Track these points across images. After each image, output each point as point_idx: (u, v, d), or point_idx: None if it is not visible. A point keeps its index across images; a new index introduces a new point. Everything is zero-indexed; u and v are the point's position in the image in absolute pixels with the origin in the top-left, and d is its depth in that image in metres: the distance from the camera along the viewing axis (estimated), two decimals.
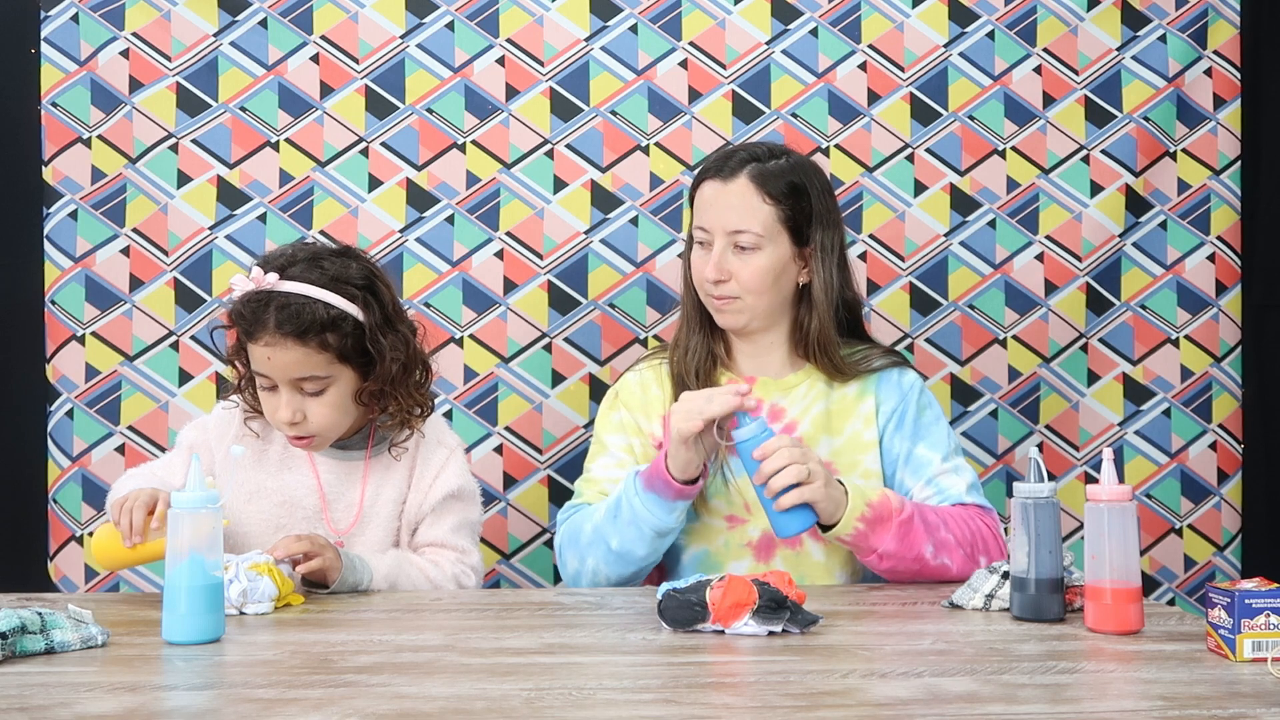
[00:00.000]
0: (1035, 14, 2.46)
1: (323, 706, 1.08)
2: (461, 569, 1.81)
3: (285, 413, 1.70)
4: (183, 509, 1.35)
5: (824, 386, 1.87)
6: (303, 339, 1.67)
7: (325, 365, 1.70)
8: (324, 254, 1.77)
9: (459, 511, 1.84)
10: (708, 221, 1.84)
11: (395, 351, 1.75)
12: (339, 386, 1.72)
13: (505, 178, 2.40)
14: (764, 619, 1.37)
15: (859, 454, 1.84)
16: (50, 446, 2.33)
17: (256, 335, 1.68)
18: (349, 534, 1.79)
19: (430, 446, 1.85)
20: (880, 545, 1.66)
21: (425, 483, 1.83)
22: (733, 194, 1.82)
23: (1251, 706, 1.07)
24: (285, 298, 1.68)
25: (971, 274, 2.44)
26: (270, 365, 1.69)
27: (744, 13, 2.43)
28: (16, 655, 1.27)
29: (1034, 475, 1.45)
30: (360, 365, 1.74)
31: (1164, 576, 2.46)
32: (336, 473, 1.81)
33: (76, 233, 2.34)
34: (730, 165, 1.85)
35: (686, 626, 1.39)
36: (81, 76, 2.35)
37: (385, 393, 1.76)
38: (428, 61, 2.40)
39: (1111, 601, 1.37)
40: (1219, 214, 2.48)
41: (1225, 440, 2.47)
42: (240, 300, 1.71)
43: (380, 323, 1.75)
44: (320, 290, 1.69)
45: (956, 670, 1.21)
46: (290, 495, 1.79)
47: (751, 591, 1.37)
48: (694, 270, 1.87)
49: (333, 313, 1.69)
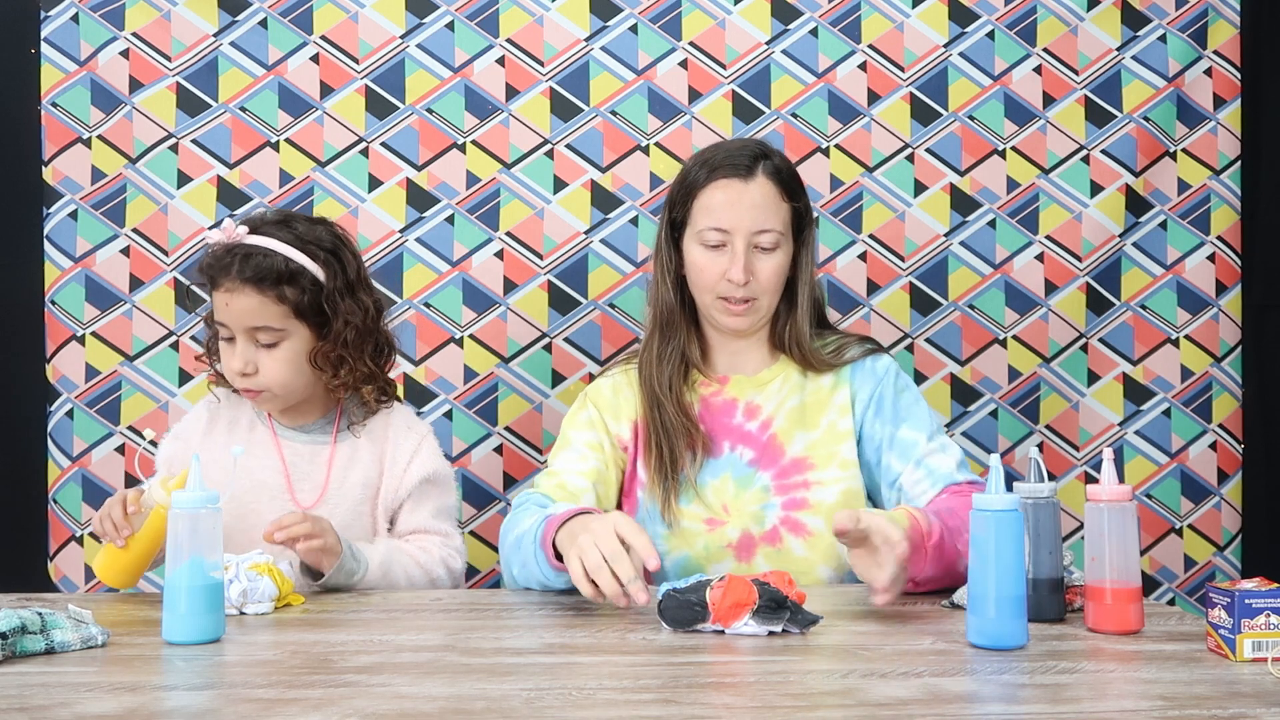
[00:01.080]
0: (1035, 14, 2.46)
1: (323, 706, 1.08)
2: (448, 552, 1.84)
3: (237, 362, 1.75)
4: (183, 509, 1.35)
5: (798, 379, 1.84)
6: (259, 286, 1.73)
7: (281, 318, 1.75)
8: (298, 218, 1.83)
9: (436, 496, 1.87)
10: (727, 222, 1.76)
11: (351, 316, 1.80)
12: (292, 343, 1.77)
13: (505, 178, 2.40)
14: (764, 619, 1.36)
15: (836, 444, 1.81)
16: (50, 446, 2.33)
17: (219, 282, 1.75)
18: (314, 508, 1.80)
19: (400, 431, 1.88)
20: (919, 574, 1.56)
21: (399, 468, 1.85)
22: (755, 192, 1.77)
23: (1251, 706, 1.07)
24: (250, 248, 1.74)
25: (971, 274, 2.44)
26: (228, 312, 1.74)
27: (744, 13, 2.43)
28: (16, 655, 1.27)
29: (1034, 475, 1.44)
30: (316, 325, 1.78)
31: (1164, 576, 2.46)
32: (301, 454, 1.83)
33: (76, 233, 2.34)
34: (744, 163, 1.78)
35: (686, 626, 1.39)
36: (81, 76, 2.35)
37: (339, 357, 1.80)
38: (428, 61, 2.40)
39: (1111, 601, 1.37)
40: (1219, 214, 2.48)
41: (1225, 440, 2.47)
42: (210, 252, 1.77)
43: (341, 287, 1.80)
44: (285, 246, 1.76)
45: (956, 670, 1.21)
46: (255, 476, 1.81)
47: (751, 591, 1.37)
48: (703, 273, 1.79)
49: (292, 266, 1.75)
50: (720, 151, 1.82)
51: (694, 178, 1.81)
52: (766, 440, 1.81)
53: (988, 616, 1.30)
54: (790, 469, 1.80)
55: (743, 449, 1.82)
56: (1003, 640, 1.30)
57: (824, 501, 1.78)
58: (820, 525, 1.76)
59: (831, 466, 1.80)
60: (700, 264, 1.80)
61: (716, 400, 1.84)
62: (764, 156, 1.80)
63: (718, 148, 1.85)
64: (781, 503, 1.78)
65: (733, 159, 1.79)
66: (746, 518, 1.79)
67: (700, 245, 1.79)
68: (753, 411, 1.83)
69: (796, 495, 1.79)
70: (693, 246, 1.81)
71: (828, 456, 1.80)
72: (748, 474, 1.80)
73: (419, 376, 2.38)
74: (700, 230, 1.79)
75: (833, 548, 1.76)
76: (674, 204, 1.84)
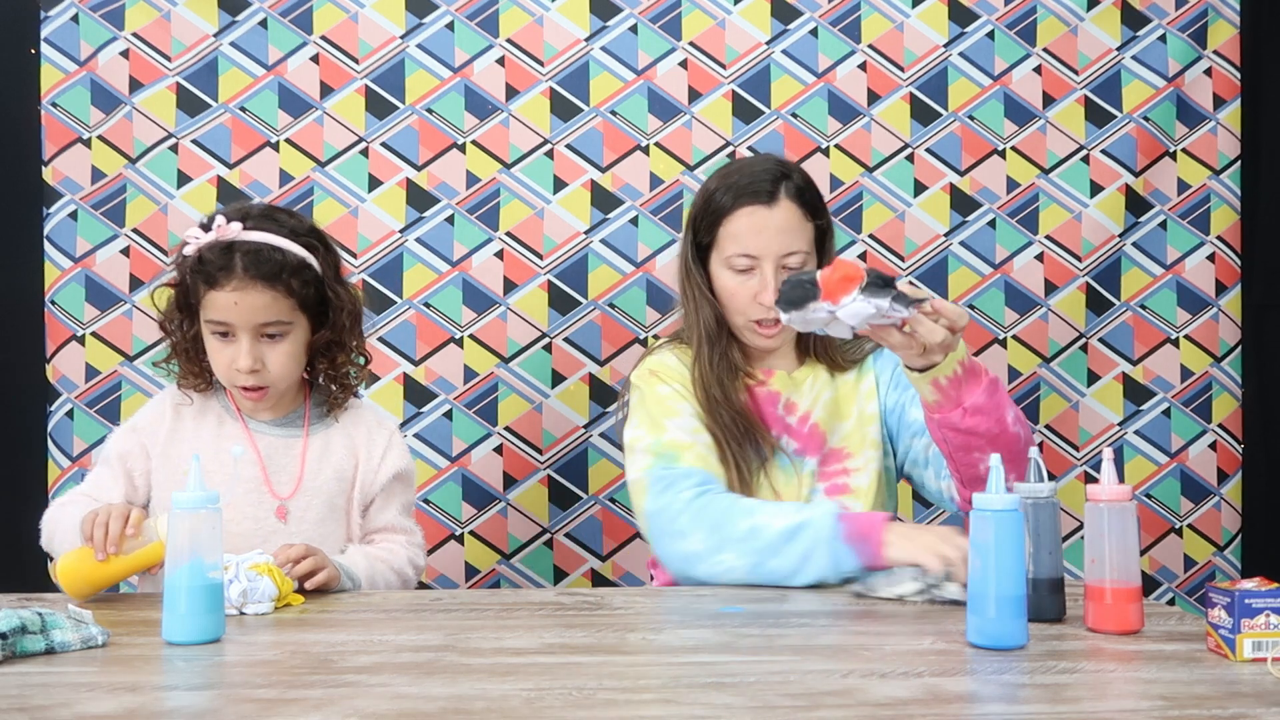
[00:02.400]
0: (1035, 14, 2.46)
1: (323, 706, 1.08)
2: (413, 550, 1.87)
3: (246, 360, 1.72)
4: (183, 509, 1.35)
5: (827, 377, 1.90)
6: (271, 283, 1.71)
7: (289, 311, 1.74)
8: (276, 209, 1.82)
9: (402, 494, 1.89)
10: (755, 248, 1.80)
11: (345, 301, 1.80)
12: (295, 335, 1.76)
13: (505, 178, 2.40)
14: (871, 294, 1.44)
15: (866, 428, 1.88)
16: (50, 446, 2.33)
17: (222, 281, 1.70)
18: (291, 500, 1.79)
19: (372, 426, 1.89)
20: (969, 399, 1.63)
21: (374, 462, 1.85)
22: (779, 217, 1.80)
23: (1251, 706, 1.07)
24: (251, 244, 1.72)
25: (971, 274, 2.44)
26: (236, 311, 1.71)
27: (744, 13, 2.43)
28: (17, 655, 1.27)
29: (1034, 475, 1.44)
30: (315, 315, 1.78)
31: (1164, 576, 2.46)
32: (276, 446, 1.82)
33: (76, 233, 2.34)
34: (766, 186, 1.81)
35: (799, 306, 1.48)
36: (81, 77, 2.35)
37: (336, 343, 1.81)
38: (428, 61, 2.40)
39: (1111, 601, 1.37)
40: (1219, 214, 2.48)
41: (1225, 440, 2.47)
42: (203, 249, 1.72)
43: (332, 274, 1.80)
44: (283, 239, 1.74)
45: (956, 670, 1.21)
46: (230, 468, 1.78)
47: (859, 268, 1.45)
48: (734, 296, 1.82)
49: (296, 259, 1.74)
50: (743, 175, 1.84)
51: (719, 203, 1.83)
52: (808, 431, 1.86)
53: (988, 616, 1.29)
54: (830, 458, 1.87)
55: (787, 439, 1.86)
56: (1003, 640, 1.29)
57: (861, 486, 1.85)
58: (859, 508, 1.83)
59: (864, 451, 1.87)
60: (730, 288, 1.84)
61: (762, 391, 1.88)
62: (785, 177, 1.83)
63: (739, 169, 1.87)
64: (824, 489, 1.85)
65: (756, 184, 1.82)
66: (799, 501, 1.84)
67: (729, 270, 1.83)
68: (791, 407, 1.88)
69: (838, 481, 1.86)
70: (721, 271, 1.85)
71: (860, 442, 1.87)
72: (796, 461, 1.85)
73: (419, 376, 2.37)
74: (728, 256, 1.83)
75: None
76: (699, 227, 1.87)
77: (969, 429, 1.65)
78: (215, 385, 1.82)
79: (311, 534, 1.76)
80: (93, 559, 1.53)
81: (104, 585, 1.57)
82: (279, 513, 1.78)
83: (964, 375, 1.63)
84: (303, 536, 1.72)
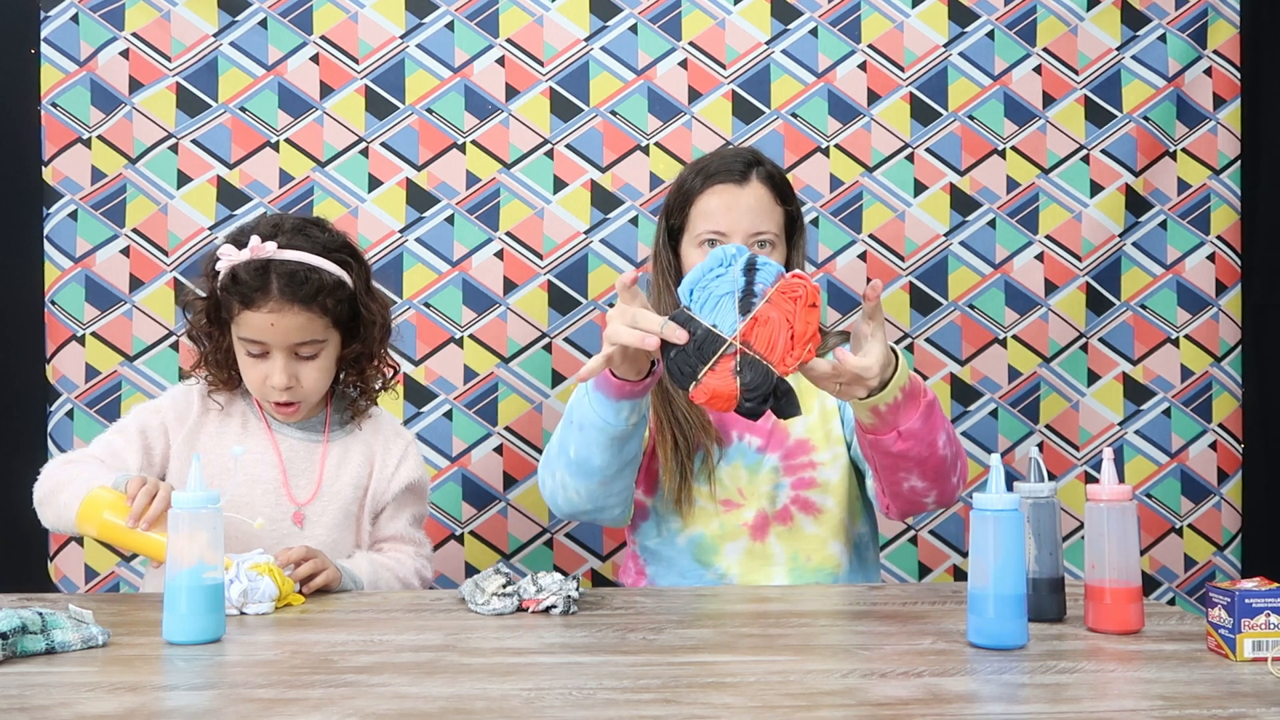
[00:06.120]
0: (1035, 14, 2.46)
1: (323, 706, 1.08)
2: (421, 562, 1.88)
3: (280, 378, 1.73)
4: (183, 509, 1.35)
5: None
6: (308, 304, 1.71)
7: (324, 329, 1.75)
8: (308, 223, 1.80)
9: (414, 505, 1.90)
10: (725, 225, 1.83)
11: (375, 314, 1.81)
12: (329, 350, 1.77)
13: (505, 178, 2.40)
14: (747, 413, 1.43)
15: (829, 422, 1.89)
16: (50, 446, 2.33)
17: (258, 302, 1.70)
18: (309, 505, 1.80)
19: (389, 436, 1.89)
20: (905, 423, 1.61)
21: (388, 471, 1.86)
22: (750, 196, 1.84)
23: (1251, 706, 1.07)
24: (287, 264, 1.70)
25: (971, 274, 2.44)
26: (273, 331, 1.71)
27: (744, 13, 2.43)
28: (17, 655, 1.27)
29: (1034, 475, 1.45)
30: (346, 329, 1.79)
31: (1164, 576, 2.46)
32: (298, 450, 1.82)
33: (76, 233, 2.34)
34: (738, 168, 1.86)
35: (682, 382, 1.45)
36: (81, 77, 2.35)
37: (368, 354, 1.82)
38: (428, 61, 2.40)
39: (1111, 601, 1.37)
40: (1219, 214, 2.48)
41: (1225, 440, 2.47)
42: (239, 268, 1.70)
43: (363, 288, 1.80)
44: (318, 258, 1.73)
45: (956, 670, 1.21)
46: (251, 470, 1.79)
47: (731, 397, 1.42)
48: None
49: (332, 279, 1.73)
50: (715, 159, 1.90)
51: (690, 185, 1.89)
52: (771, 426, 1.87)
53: (988, 616, 1.29)
54: (795, 450, 1.87)
55: (750, 437, 1.87)
56: (1003, 640, 1.29)
57: (830, 480, 1.86)
58: (830, 503, 1.85)
59: (830, 447, 1.88)
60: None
61: None
62: (757, 163, 1.89)
63: (712, 156, 1.93)
64: (791, 483, 1.86)
65: (727, 165, 1.87)
66: (761, 499, 1.86)
67: (699, 249, 1.85)
68: None
69: (804, 475, 1.86)
70: (691, 250, 1.87)
71: (825, 437, 1.88)
72: (757, 459, 1.87)
73: (419, 376, 2.38)
74: (698, 234, 1.86)
75: (843, 524, 1.86)
76: (671, 211, 1.91)
77: (900, 453, 1.63)
78: (242, 386, 1.83)
79: (325, 540, 1.77)
80: (122, 513, 1.56)
81: (109, 540, 1.61)
82: (296, 518, 1.78)
83: (903, 400, 1.60)
84: (316, 542, 1.73)
